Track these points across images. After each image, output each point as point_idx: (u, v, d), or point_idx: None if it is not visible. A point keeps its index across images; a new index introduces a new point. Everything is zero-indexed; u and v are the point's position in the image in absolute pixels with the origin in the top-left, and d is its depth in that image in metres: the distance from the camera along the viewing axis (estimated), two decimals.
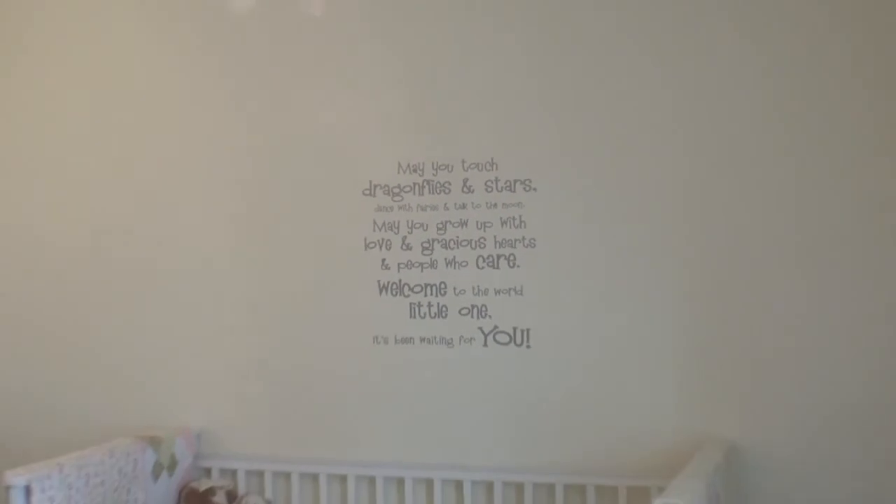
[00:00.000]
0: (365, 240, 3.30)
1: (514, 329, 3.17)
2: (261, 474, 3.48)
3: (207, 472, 3.55)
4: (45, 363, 3.81)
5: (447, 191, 3.21)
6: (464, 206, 3.19)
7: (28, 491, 2.79)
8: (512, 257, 3.16)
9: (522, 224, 3.13)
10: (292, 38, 3.47)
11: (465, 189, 3.20)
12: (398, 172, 3.27)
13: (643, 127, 3.09)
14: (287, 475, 3.45)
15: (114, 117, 3.70)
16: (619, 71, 3.13)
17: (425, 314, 3.26)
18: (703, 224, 3.06)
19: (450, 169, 3.21)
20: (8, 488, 2.78)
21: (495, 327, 3.19)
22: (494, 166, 3.15)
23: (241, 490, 3.48)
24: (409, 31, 3.36)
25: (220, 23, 3.56)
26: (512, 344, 3.17)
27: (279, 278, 3.53)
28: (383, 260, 3.28)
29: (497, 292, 3.17)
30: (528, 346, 3.15)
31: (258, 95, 3.52)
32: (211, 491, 3.36)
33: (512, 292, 3.15)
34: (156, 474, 3.32)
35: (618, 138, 3.11)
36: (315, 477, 3.44)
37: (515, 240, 3.14)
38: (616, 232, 3.13)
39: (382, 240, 3.29)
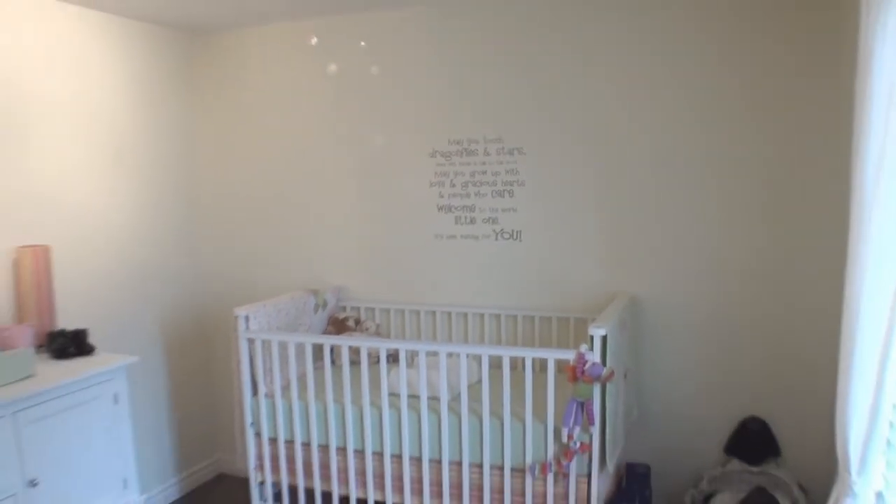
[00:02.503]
0: (429, 182, 4.45)
1: (512, 230, 4.30)
2: (372, 310, 4.70)
3: (344, 308, 4.73)
4: (258, 249, 5.08)
5: (475, 154, 4.33)
6: (484, 163, 4.32)
7: (247, 319, 3.88)
8: (511, 191, 4.28)
9: (517, 172, 4.25)
10: (384, 65, 4.51)
11: (485, 153, 4.31)
12: (448, 143, 4.38)
13: (591, 118, 4.08)
14: (387, 310, 4.66)
15: (287, 125, 4.86)
16: (589, 77, 4.07)
17: (462, 222, 4.40)
18: (613, 167, 4.06)
19: (476, 141, 4.32)
20: (236, 317, 3.87)
21: (502, 230, 4.32)
22: (501, 140, 4.27)
23: (363, 318, 4.64)
24: (454, 54, 4.35)
25: (341, 64, 4.64)
26: (511, 239, 4.31)
27: (382, 202, 4.67)
28: (439, 193, 4.44)
29: (503, 210, 4.30)
30: (519, 241, 4.29)
31: (371, 103, 4.59)
32: (346, 318, 4.49)
33: (511, 210, 4.28)
34: (315, 310, 4.43)
35: (574, 125, 4.11)
36: (402, 311, 4.65)
37: (513, 181, 4.27)
38: (567, 176, 4.16)
39: (439, 182, 4.44)
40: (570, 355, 3.23)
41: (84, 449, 3.48)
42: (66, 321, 4.00)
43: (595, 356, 3.18)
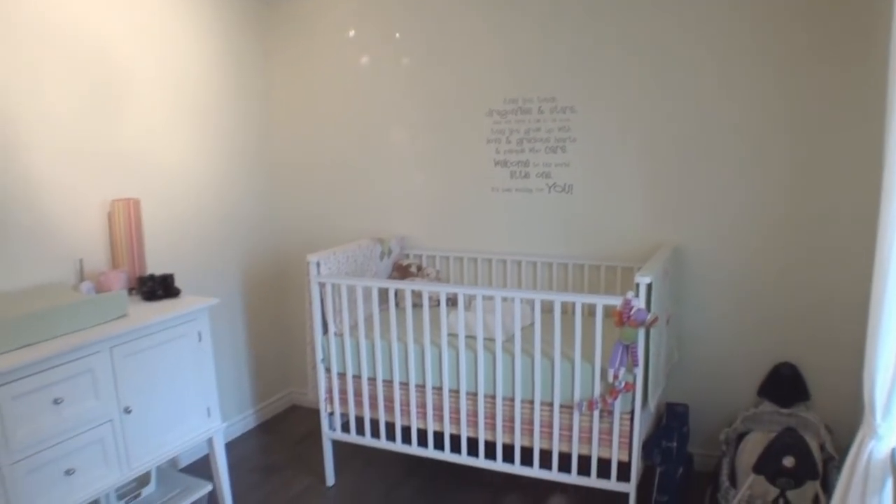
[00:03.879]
0: (486, 139, 4.48)
1: (564, 184, 4.33)
2: (433, 257, 4.76)
3: (407, 256, 4.80)
4: (328, 201, 5.17)
5: (530, 112, 4.35)
6: (538, 121, 4.33)
7: (318, 265, 3.94)
8: (563, 147, 4.30)
9: (569, 129, 4.26)
10: (443, 34, 4.54)
11: (538, 111, 4.33)
12: (503, 103, 4.41)
13: (638, 80, 4.08)
14: (447, 258, 4.73)
15: (354, 87, 4.90)
16: (638, 41, 4.06)
17: (517, 176, 4.44)
18: (659, 124, 4.06)
19: (530, 101, 4.33)
20: (308, 263, 3.92)
21: (554, 183, 4.36)
22: (554, 99, 4.28)
23: (424, 265, 4.70)
24: (510, 17, 4.34)
25: (402, 29, 4.67)
26: (562, 192, 4.35)
27: (443, 158, 4.73)
28: (496, 148, 4.47)
29: (555, 165, 4.33)
30: (570, 194, 4.32)
31: (431, 66, 4.63)
32: (409, 265, 4.55)
33: (563, 165, 4.31)
34: (381, 257, 4.50)
35: (623, 87, 4.12)
36: (461, 259, 4.71)
37: (565, 138, 4.28)
38: (616, 133, 4.17)
39: (495, 139, 4.46)
40: (617, 301, 3.29)
41: (172, 381, 3.63)
42: (155, 267, 4.21)
43: (640, 302, 3.24)
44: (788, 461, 3.22)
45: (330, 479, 4.39)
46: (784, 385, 3.94)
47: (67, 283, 3.78)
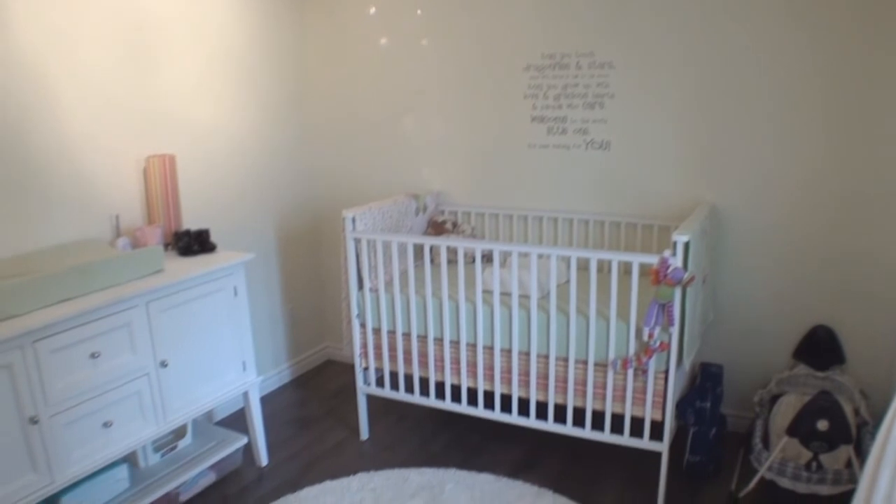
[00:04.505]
0: (523, 94, 4.42)
1: (602, 141, 4.27)
2: (469, 214, 4.75)
3: (442, 212, 4.79)
4: (364, 157, 5.11)
5: (567, 68, 4.28)
6: (576, 76, 4.27)
7: (353, 220, 3.93)
8: (601, 103, 4.24)
9: (607, 86, 4.20)
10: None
11: (576, 67, 4.26)
12: (541, 58, 4.34)
13: (678, 37, 4.00)
14: (482, 214, 4.71)
15: (389, 43, 4.84)
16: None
17: (555, 132, 4.39)
18: (697, 82, 3.99)
19: (568, 56, 4.26)
20: (344, 219, 3.93)
21: (591, 140, 4.30)
22: (592, 54, 4.20)
23: (459, 221, 4.69)
24: None
25: None
26: (600, 149, 4.29)
27: (480, 114, 4.64)
28: (533, 104, 4.41)
29: (593, 121, 4.27)
30: (608, 151, 4.27)
31: (468, 19, 4.54)
32: (444, 221, 4.54)
33: (600, 122, 4.25)
34: (416, 213, 4.49)
35: (662, 43, 4.04)
36: (496, 216, 4.69)
37: (603, 94, 4.22)
38: (655, 90, 4.09)
39: (533, 94, 4.41)
40: (653, 260, 3.25)
41: (207, 335, 3.66)
42: (191, 222, 4.23)
43: (677, 261, 3.20)
44: (822, 424, 3.19)
45: (364, 433, 4.43)
46: (820, 348, 3.89)
47: (104, 239, 3.80)
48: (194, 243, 3.81)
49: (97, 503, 3.42)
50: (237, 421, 4.56)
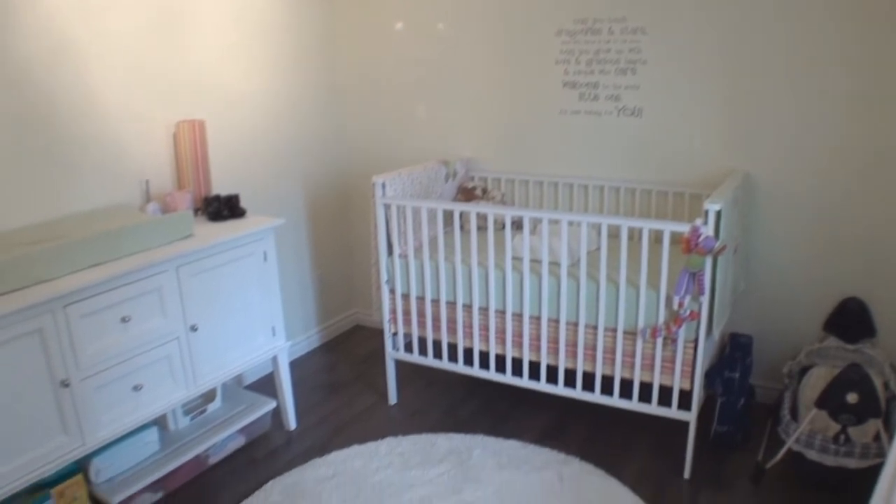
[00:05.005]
0: (555, 59, 4.37)
1: (634, 107, 4.22)
2: (499, 180, 4.73)
3: (472, 178, 4.79)
4: (394, 123, 5.11)
5: (600, 33, 4.22)
6: (608, 41, 4.21)
7: (383, 186, 3.94)
8: (633, 69, 4.18)
9: (640, 51, 4.13)
10: None
11: (609, 32, 4.19)
12: (573, 23, 4.28)
13: (706, 1, 3.92)
14: (512, 180, 4.69)
15: (419, 9, 4.94)
16: None
17: (586, 98, 4.34)
18: (730, 48, 3.91)
19: (601, 21, 4.20)
20: (374, 184, 3.93)
21: (623, 106, 4.26)
22: (625, 19, 4.13)
23: (489, 187, 4.68)
24: None
25: None
26: (632, 115, 4.24)
27: (511, 79, 4.58)
28: (565, 70, 4.36)
29: (625, 87, 4.22)
30: (640, 117, 4.22)
31: None
32: (474, 188, 4.54)
33: (633, 88, 4.20)
34: (446, 179, 4.49)
35: (696, 7, 3.95)
36: (526, 182, 4.66)
37: (636, 60, 4.16)
38: (688, 55, 4.02)
39: (564, 59, 4.35)
40: (685, 228, 3.22)
41: (237, 300, 3.67)
42: (220, 188, 4.24)
43: (709, 230, 3.17)
44: (852, 397, 3.17)
45: (392, 398, 4.45)
46: (850, 320, 3.84)
47: (134, 204, 3.82)
48: (224, 208, 3.81)
49: (127, 465, 3.47)
50: (266, 385, 4.60)
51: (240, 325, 3.72)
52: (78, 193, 3.56)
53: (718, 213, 3.17)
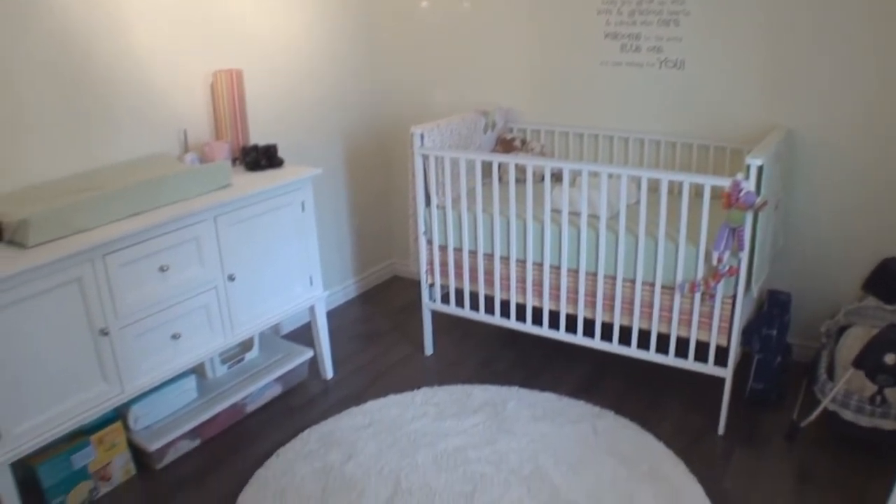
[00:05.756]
0: (597, 10, 4.29)
1: (676, 60, 4.15)
2: (538, 131, 4.68)
3: (511, 129, 4.74)
4: (433, 73, 5.05)
5: None
6: None
7: (422, 136, 3.91)
8: (676, 20, 4.10)
9: (683, 2, 4.04)
10: None
11: None
12: None
13: None
14: (551, 132, 4.64)
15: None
16: None
17: (628, 50, 4.27)
18: (776, 1, 3.80)
19: None
20: (412, 135, 3.88)
21: (665, 58, 4.18)
22: None
23: (528, 139, 4.62)
24: None
25: None
26: (674, 68, 4.18)
27: (551, 29, 4.51)
28: (606, 20, 4.29)
29: (667, 39, 4.15)
30: (682, 70, 4.15)
31: None
32: (513, 139, 4.50)
33: (675, 40, 4.12)
34: (484, 130, 4.46)
35: None
36: (566, 134, 4.62)
37: (678, 11, 4.07)
38: (733, 7, 3.92)
39: (606, 10, 4.27)
40: (725, 183, 3.17)
41: (275, 249, 3.69)
42: (258, 137, 4.21)
43: (750, 185, 3.12)
44: (889, 358, 3.13)
45: (428, 349, 4.48)
46: (890, 281, 3.77)
47: (172, 154, 3.82)
48: (262, 158, 3.80)
49: (165, 413, 3.52)
50: (303, 335, 4.63)
51: (277, 274, 3.73)
52: (117, 144, 3.57)
53: (760, 169, 3.12)
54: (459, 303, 4.28)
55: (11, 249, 2.74)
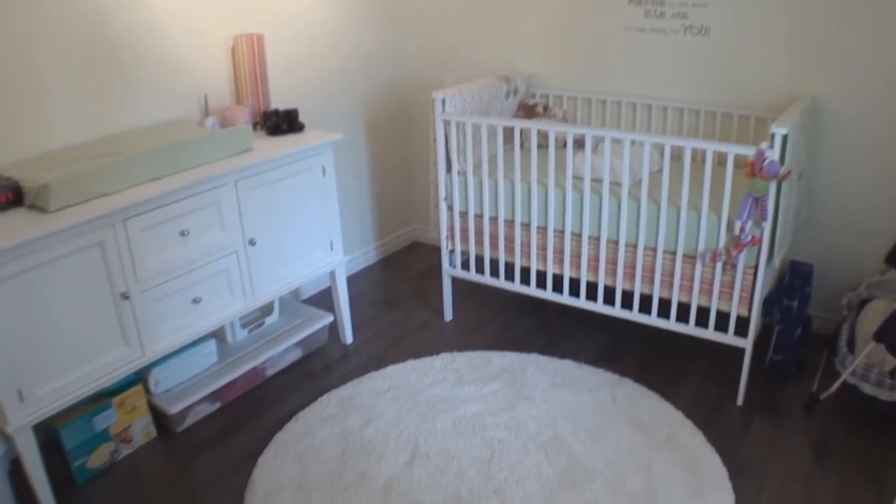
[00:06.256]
0: None
1: (701, 26, 4.08)
2: (560, 97, 4.63)
3: (533, 95, 4.69)
4: (455, 38, 5.00)
5: None
6: None
7: (443, 102, 3.90)
8: None
9: None
10: None
11: None
12: None
13: None
14: (574, 98, 4.60)
15: None
16: None
17: (652, 16, 4.20)
18: None
19: None
20: (433, 100, 3.90)
21: (690, 25, 4.12)
22: None
23: (551, 105, 4.56)
24: None
25: None
26: (699, 34, 4.11)
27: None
28: None
29: (692, 5, 4.07)
30: (707, 36, 4.09)
31: None
32: (535, 105, 4.45)
33: (700, 6, 4.04)
34: (506, 96, 4.43)
35: None
36: (588, 100, 4.58)
37: None
38: None
39: None
40: (750, 151, 3.14)
41: (295, 214, 3.70)
42: (279, 102, 4.21)
43: (774, 154, 3.08)
44: None
45: (448, 315, 4.48)
46: None
47: (192, 118, 3.82)
48: (283, 123, 3.78)
49: (186, 377, 3.55)
50: (323, 300, 4.65)
51: (298, 239, 3.74)
52: (138, 108, 3.57)
53: (785, 138, 3.09)
54: (479, 269, 4.29)
55: (33, 214, 2.75)
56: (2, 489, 2.89)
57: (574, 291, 3.98)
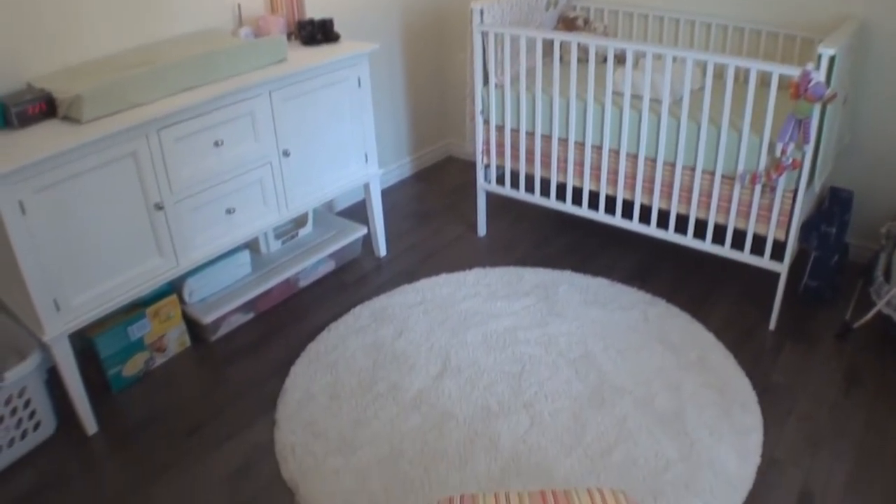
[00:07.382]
0: None
1: None
2: (601, 11, 4.48)
3: (574, 8, 4.54)
4: None
5: None
6: None
7: (482, 12, 3.77)
8: None
9: None
10: None
11: None
12: None
13: None
14: (615, 12, 4.45)
15: None
16: None
17: None
18: None
19: None
20: (472, 10, 3.79)
21: None
22: None
23: (591, 18, 4.49)
24: None
25: None
26: None
27: None
28: None
29: None
30: None
31: None
32: (576, 18, 4.36)
33: None
34: (546, 7, 4.31)
35: None
36: (630, 14, 4.41)
37: None
38: None
39: None
40: (795, 72, 3.03)
41: (330, 126, 3.66)
42: (314, 11, 4.13)
43: (820, 76, 2.99)
44: None
45: (481, 230, 4.48)
46: None
47: (226, 28, 3.77)
48: (318, 33, 3.73)
49: (219, 287, 3.59)
50: (357, 212, 4.65)
51: (332, 151, 3.72)
52: (170, 19, 3.53)
53: (832, 59, 2.98)
54: (514, 185, 4.26)
55: (67, 125, 2.74)
56: (40, 397, 2.94)
57: (610, 209, 3.94)
